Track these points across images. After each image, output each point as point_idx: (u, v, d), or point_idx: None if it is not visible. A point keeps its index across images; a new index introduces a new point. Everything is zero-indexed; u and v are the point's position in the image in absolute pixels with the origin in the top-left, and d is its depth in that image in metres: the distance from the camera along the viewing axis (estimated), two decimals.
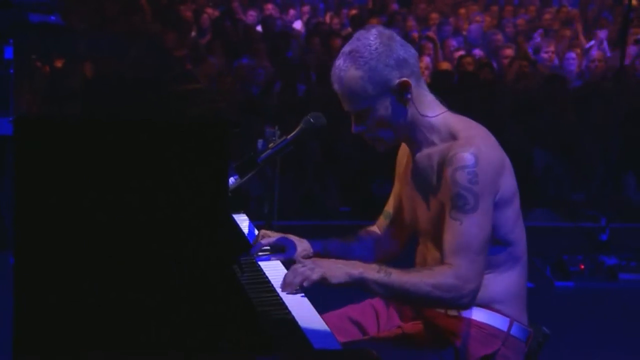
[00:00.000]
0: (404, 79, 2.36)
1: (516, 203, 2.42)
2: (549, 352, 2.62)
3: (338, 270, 2.30)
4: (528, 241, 2.49)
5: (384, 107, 2.38)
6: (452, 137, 2.37)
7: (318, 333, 2.14)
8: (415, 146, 2.45)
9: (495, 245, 2.38)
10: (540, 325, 2.54)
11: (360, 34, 2.41)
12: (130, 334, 1.88)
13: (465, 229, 2.28)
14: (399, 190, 2.62)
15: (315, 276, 2.29)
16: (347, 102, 2.41)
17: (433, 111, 2.42)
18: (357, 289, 2.33)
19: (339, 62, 2.39)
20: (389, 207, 2.70)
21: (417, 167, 2.46)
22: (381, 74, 2.35)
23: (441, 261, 2.32)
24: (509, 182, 2.38)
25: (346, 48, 2.40)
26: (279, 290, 2.35)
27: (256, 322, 2.16)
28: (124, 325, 1.87)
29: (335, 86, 2.41)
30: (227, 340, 1.93)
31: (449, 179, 2.30)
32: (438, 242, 2.36)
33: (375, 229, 2.74)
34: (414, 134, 2.43)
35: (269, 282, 2.42)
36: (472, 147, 2.31)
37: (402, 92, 2.37)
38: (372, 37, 2.37)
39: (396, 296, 2.34)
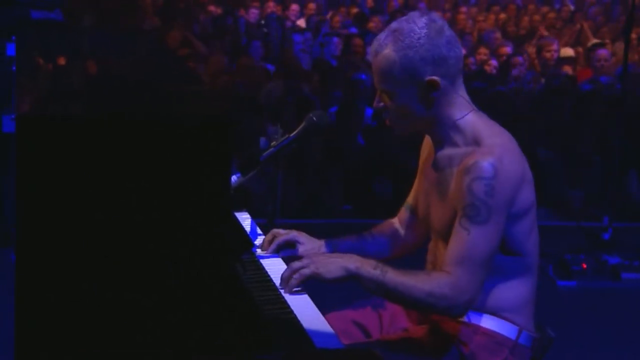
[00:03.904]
0: (435, 77, 2.28)
1: (532, 214, 2.34)
2: (552, 351, 2.62)
3: (333, 264, 2.26)
4: None
5: (407, 97, 2.31)
6: (476, 142, 2.29)
7: (320, 332, 2.13)
8: (438, 143, 2.39)
9: (509, 256, 2.32)
10: (546, 328, 2.50)
11: (412, 15, 2.33)
12: (132, 333, 1.87)
13: (472, 241, 2.21)
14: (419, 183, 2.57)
15: (307, 271, 2.26)
16: (375, 76, 2.36)
17: (460, 112, 2.34)
18: (358, 287, 2.31)
19: (382, 35, 2.33)
20: (410, 198, 2.64)
21: (437, 166, 2.39)
22: (414, 65, 2.27)
23: (443, 264, 2.27)
24: (526, 195, 2.30)
25: (394, 25, 2.33)
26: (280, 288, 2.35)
27: (257, 321, 2.15)
28: (128, 324, 1.87)
29: (370, 57, 2.38)
30: (227, 338, 1.93)
31: (465, 187, 2.23)
32: (448, 242, 2.30)
33: (395, 221, 2.69)
34: (437, 131, 2.37)
35: (270, 280, 2.41)
36: (492, 157, 2.22)
37: (429, 90, 2.30)
38: (420, 24, 2.29)
39: (389, 296, 2.29)
